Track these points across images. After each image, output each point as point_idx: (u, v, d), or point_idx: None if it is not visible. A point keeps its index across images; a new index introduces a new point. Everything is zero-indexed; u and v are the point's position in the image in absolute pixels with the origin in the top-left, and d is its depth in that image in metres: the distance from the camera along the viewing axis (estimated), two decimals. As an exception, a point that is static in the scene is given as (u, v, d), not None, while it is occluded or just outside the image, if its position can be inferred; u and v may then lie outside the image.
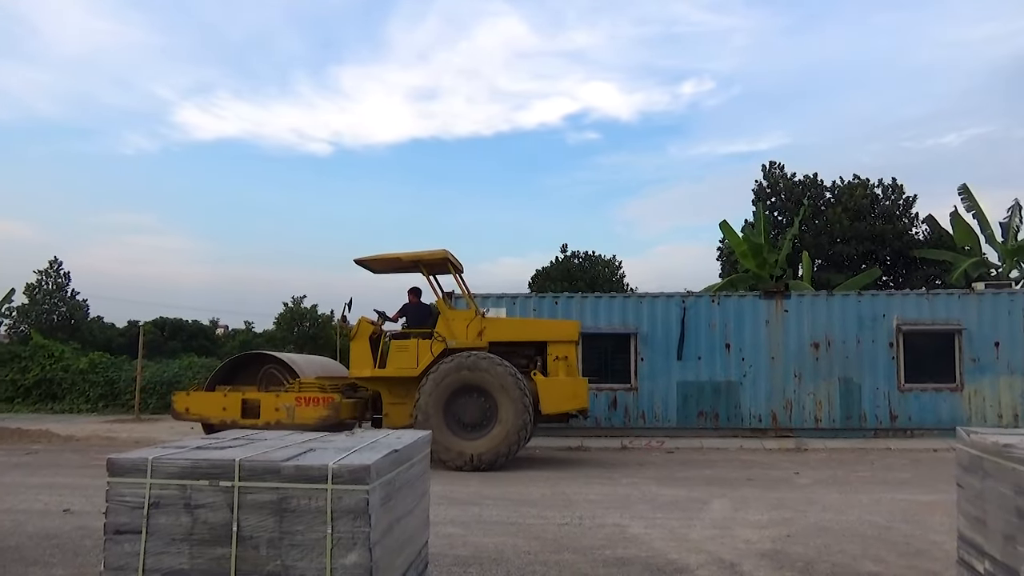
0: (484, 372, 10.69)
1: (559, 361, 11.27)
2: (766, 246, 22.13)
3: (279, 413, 11.22)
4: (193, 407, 11.66)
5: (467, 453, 10.61)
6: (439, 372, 10.77)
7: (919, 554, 6.05)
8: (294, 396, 11.32)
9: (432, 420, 10.64)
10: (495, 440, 10.62)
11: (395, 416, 11.41)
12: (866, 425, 14.32)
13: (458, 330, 11.25)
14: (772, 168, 26.57)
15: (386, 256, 11.67)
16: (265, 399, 11.42)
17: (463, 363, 10.77)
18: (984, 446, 4.15)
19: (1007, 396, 14.23)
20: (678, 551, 6.19)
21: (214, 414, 11.51)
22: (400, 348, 11.30)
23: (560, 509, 7.96)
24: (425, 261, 11.52)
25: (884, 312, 14.56)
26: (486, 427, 10.74)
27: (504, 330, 11.50)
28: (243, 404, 11.42)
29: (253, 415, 11.30)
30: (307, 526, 3.43)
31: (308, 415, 11.12)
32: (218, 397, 11.66)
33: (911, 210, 24.85)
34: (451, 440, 10.67)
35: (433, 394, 10.72)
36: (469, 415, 10.79)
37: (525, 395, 10.65)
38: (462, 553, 6.13)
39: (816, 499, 8.49)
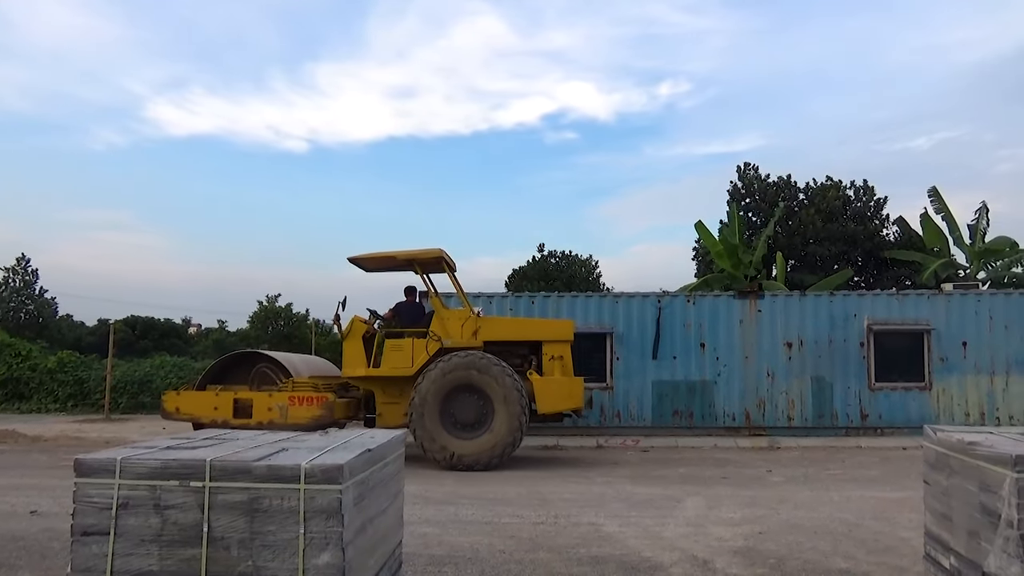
0: (481, 372, 10.65)
1: (555, 361, 11.26)
2: (741, 246, 22.35)
3: (272, 413, 11.08)
4: (183, 406, 11.49)
5: (463, 453, 10.57)
6: (436, 371, 10.71)
7: (888, 551, 6.15)
8: (287, 395, 11.19)
9: (428, 420, 10.62)
10: (491, 440, 10.60)
11: (389, 416, 11.34)
12: (837, 424, 14.52)
13: (453, 329, 11.22)
14: (747, 169, 26.85)
15: (380, 255, 11.60)
16: (258, 398, 11.29)
17: (460, 363, 10.71)
18: (950, 444, 4.23)
19: (974, 395, 14.51)
20: (652, 549, 6.23)
21: (205, 414, 11.34)
22: (395, 347, 11.22)
23: (535, 508, 7.97)
24: (419, 260, 11.47)
25: (855, 312, 14.77)
26: (482, 427, 10.71)
27: (499, 329, 11.49)
28: (235, 403, 11.27)
29: (245, 415, 11.16)
30: (279, 526, 3.40)
31: (302, 415, 11.01)
32: (209, 396, 11.50)
33: (882, 212, 25.24)
34: (447, 440, 10.63)
35: (429, 393, 10.66)
36: (465, 415, 10.74)
37: (522, 395, 10.63)
38: (437, 552, 6.12)
39: (788, 497, 8.59)
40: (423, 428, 10.66)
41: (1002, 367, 14.50)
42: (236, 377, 12.17)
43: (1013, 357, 14.51)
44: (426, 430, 10.64)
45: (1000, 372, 14.50)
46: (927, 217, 22.64)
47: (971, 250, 22.14)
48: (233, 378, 12.18)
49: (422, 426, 10.66)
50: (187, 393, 11.76)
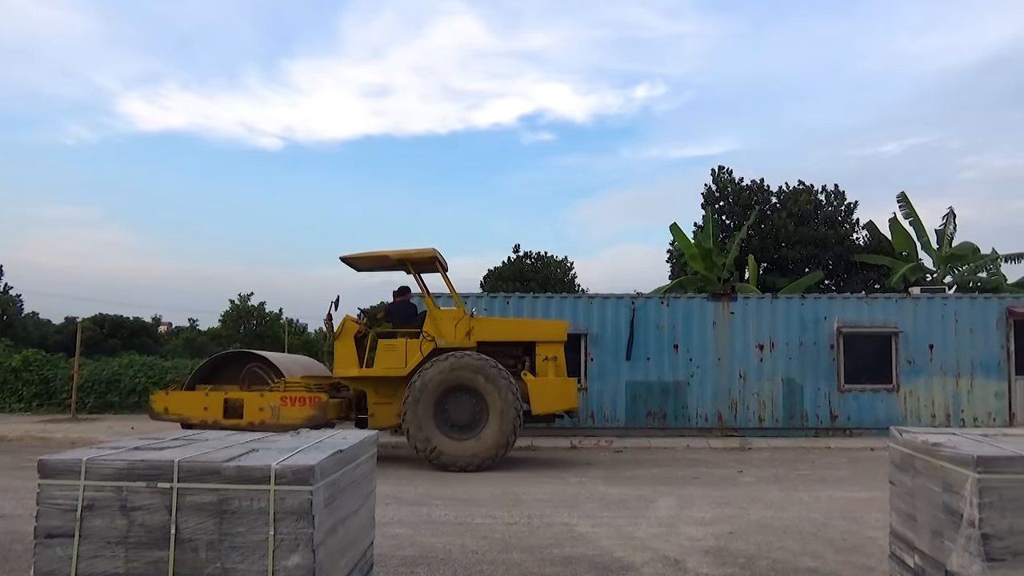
0: (476, 372, 10.61)
1: (548, 361, 11.25)
2: (714, 249, 22.56)
3: (263, 413, 10.95)
4: (172, 407, 11.30)
5: (457, 454, 10.53)
6: (430, 372, 10.64)
7: (855, 550, 6.25)
8: (279, 396, 11.07)
9: (422, 420, 10.56)
10: (486, 441, 10.57)
11: (381, 416, 11.28)
12: (807, 424, 14.71)
13: (446, 329, 11.15)
14: (721, 173, 27.11)
15: (373, 254, 11.52)
16: (249, 399, 11.14)
17: (455, 363, 10.66)
18: (915, 445, 4.30)
19: (940, 396, 14.79)
20: (624, 549, 6.26)
21: (195, 414, 11.16)
22: (388, 348, 11.14)
23: (509, 508, 7.98)
24: (413, 259, 11.42)
25: (825, 315, 14.98)
26: (476, 428, 10.67)
27: (493, 330, 11.44)
28: (225, 404, 11.11)
29: (236, 415, 11.01)
30: (248, 528, 3.37)
31: (294, 415, 10.89)
32: (199, 396, 11.32)
33: (852, 216, 25.64)
34: (441, 441, 10.58)
35: (424, 394, 10.60)
36: (459, 415, 10.70)
37: (516, 396, 10.62)
38: (409, 553, 6.10)
39: (759, 497, 8.69)
40: (417, 429, 10.59)
41: (967, 369, 14.81)
42: (225, 377, 11.98)
43: (978, 360, 14.82)
44: (420, 431, 10.59)
45: (965, 374, 14.80)
46: (896, 222, 23.03)
47: (938, 255, 22.57)
48: (222, 378, 11.99)
49: (416, 427, 10.59)
50: (176, 393, 11.56)
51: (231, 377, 11.92)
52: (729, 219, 25.80)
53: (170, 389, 11.99)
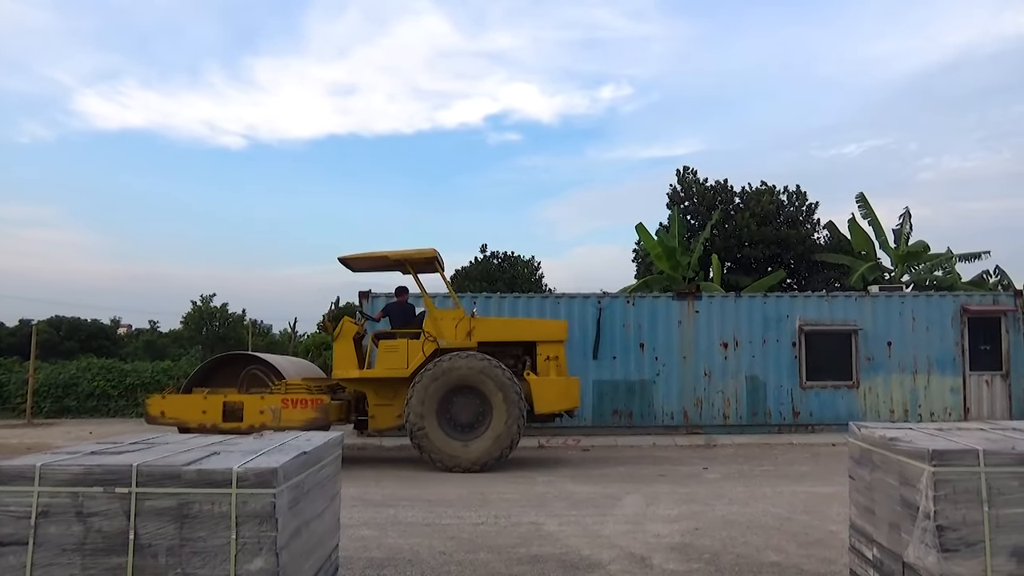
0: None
1: (550, 361, 11.25)
2: (679, 249, 22.79)
3: (264, 416, 10.78)
4: (169, 411, 11.05)
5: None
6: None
7: (816, 543, 6.37)
8: (280, 398, 10.90)
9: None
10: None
11: (381, 418, 11.19)
12: (770, 421, 14.95)
13: (447, 330, 11.10)
14: (686, 173, 27.40)
15: (372, 255, 11.42)
16: (249, 401, 10.95)
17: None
18: (873, 440, 4.40)
19: (898, 392, 15.14)
20: (591, 547, 6.30)
21: (193, 418, 10.93)
22: (389, 349, 11.03)
23: (476, 508, 7.97)
24: (412, 260, 11.33)
25: (788, 313, 15.23)
26: (480, 428, 10.62)
27: (493, 330, 11.40)
28: (225, 407, 10.91)
29: (236, 418, 10.82)
30: (210, 532, 3.31)
31: (295, 417, 10.75)
32: (197, 400, 11.09)
33: (813, 216, 26.10)
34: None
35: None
36: (463, 416, 10.65)
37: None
38: (376, 555, 6.06)
39: (723, 493, 8.81)
40: (420, 430, 10.53)
41: (924, 366, 15.17)
42: (220, 380, 11.71)
43: (934, 356, 15.20)
44: (423, 432, 10.53)
45: (922, 371, 15.17)
46: (855, 222, 23.52)
47: (895, 254, 23.09)
48: (217, 381, 11.71)
49: (419, 428, 10.52)
50: (173, 397, 11.31)
51: (227, 380, 11.66)
52: (694, 219, 26.09)
53: (166, 392, 11.70)
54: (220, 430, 10.60)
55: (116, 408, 18.97)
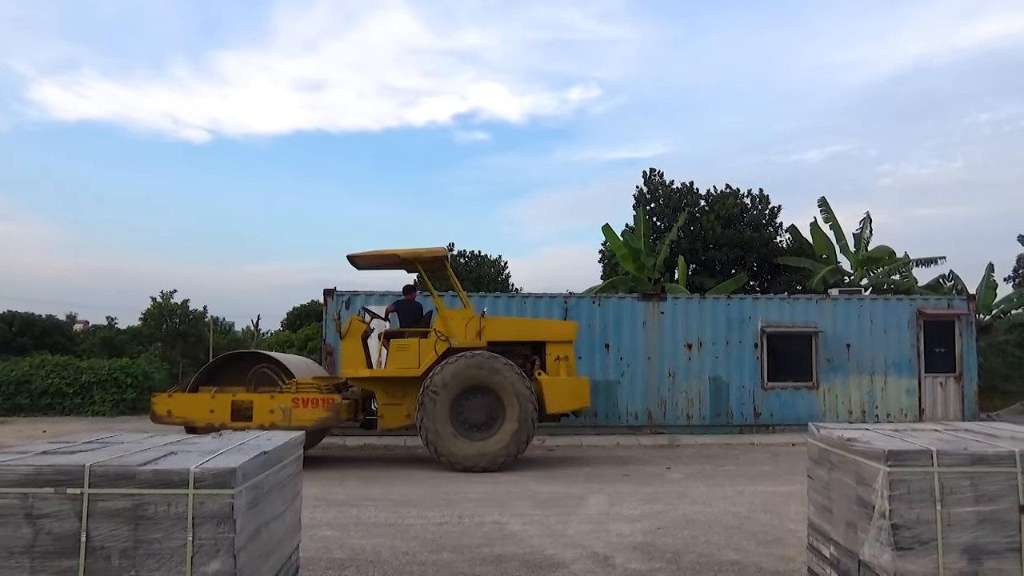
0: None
1: (560, 361, 11.27)
2: (645, 250, 22.96)
3: (274, 415, 10.61)
4: (176, 410, 10.80)
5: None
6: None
7: (775, 542, 6.47)
8: (290, 397, 10.71)
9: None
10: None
11: (390, 417, 11.11)
12: (733, 422, 15.15)
13: (457, 329, 11.04)
14: (652, 175, 27.62)
15: (382, 252, 11.35)
16: (258, 400, 10.74)
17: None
18: (831, 440, 4.47)
19: (856, 394, 15.46)
20: (555, 546, 6.31)
21: (200, 417, 10.71)
22: (400, 348, 10.94)
23: (440, 508, 7.94)
24: (423, 258, 11.26)
25: (750, 315, 15.45)
26: (493, 427, 10.63)
27: (503, 329, 11.37)
28: (233, 406, 10.70)
29: (244, 417, 10.63)
30: (165, 534, 3.24)
31: (306, 416, 10.60)
32: (204, 399, 10.83)
33: (776, 220, 26.51)
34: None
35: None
36: (475, 415, 10.65)
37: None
38: (338, 556, 6.00)
39: (686, 492, 8.90)
40: (433, 429, 10.49)
41: (881, 368, 15.52)
42: (225, 378, 11.44)
43: (891, 359, 15.55)
44: (436, 431, 10.49)
45: (879, 372, 15.51)
46: (816, 226, 23.92)
47: (855, 258, 23.56)
48: (222, 379, 11.44)
49: (432, 427, 10.49)
50: (180, 396, 11.04)
51: (233, 378, 11.40)
52: (660, 221, 26.31)
53: (172, 391, 11.40)
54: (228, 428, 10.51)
55: (71, 406, 18.51)
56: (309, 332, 21.42)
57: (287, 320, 25.43)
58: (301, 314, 24.88)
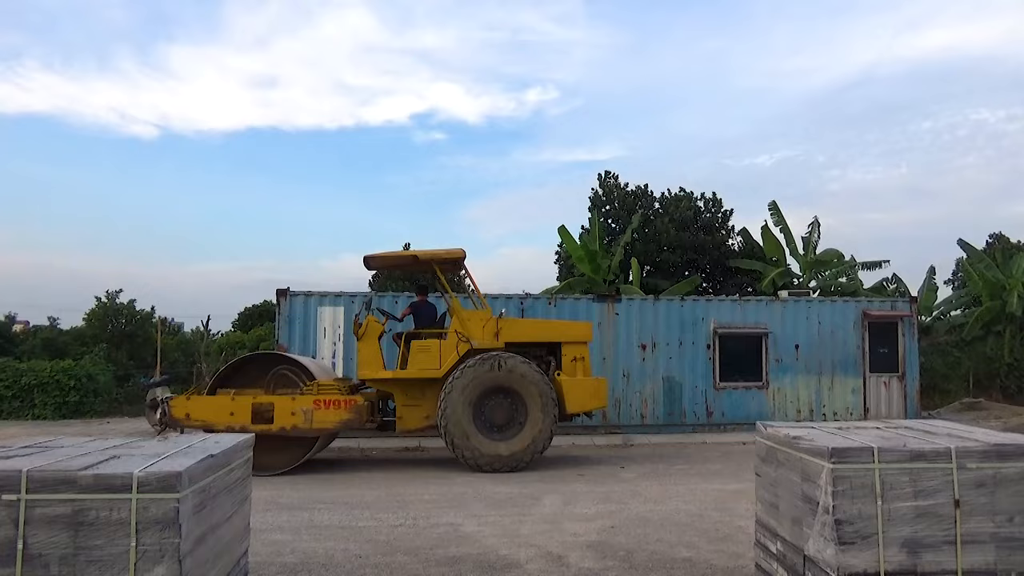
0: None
1: (577, 362, 11.34)
2: (600, 252, 23.18)
3: (295, 417, 10.41)
4: (195, 412, 10.49)
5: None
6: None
7: (726, 539, 6.59)
8: (312, 399, 10.51)
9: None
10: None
11: (409, 419, 11.03)
12: (686, 421, 15.37)
13: (475, 330, 11.01)
14: (607, 178, 27.88)
15: (399, 254, 11.37)
16: (279, 402, 10.48)
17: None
18: (778, 438, 4.58)
19: (804, 393, 15.85)
20: (509, 547, 6.32)
21: (220, 420, 10.41)
22: (421, 349, 10.89)
23: (394, 510, 7.88)
24: (441, 260, 11.26)
25: (703, 316, 15.71)
26: (515, 427, 10.69)
27: (520, 330, 11.40)
28: (254, 408, 10.43)
29: (265, 420, 10.38)
30: (108, 540, 3.15)
31: (328, 419, 10.47)
32: (224, 401, 10.53)
33: (728, 223, 27.01)
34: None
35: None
36: (497, 416, 10.69)
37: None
38: (289, 560, 5.91)
39: (639, 491, 9.00)
40: (457, 429, 10.48)
41: (828, 368, 15.93)
42: (241, 380, 11.07)
43: (838, 359, 15.98)
44: (460, 431, 10.49)
45: (827, 372, 15.92)
46: (767, 229, 24.47)
47: (804, 260, 24.16)
48: (237, 381, 11.07)
49: (456, 427, 10.47)
50: (198, 398, 10.72)
51: (250, 380, 11.07)
52: (615, 223, 26.56)
53: (190, 393, 11.07)
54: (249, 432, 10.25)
55: (10, 410, 17.85)
56: (261, 333, 21.06)
57: (238, 320, 24.95)
58: (253, 314, 24.45)
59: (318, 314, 14.45)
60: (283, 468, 10.43)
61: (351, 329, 14.34)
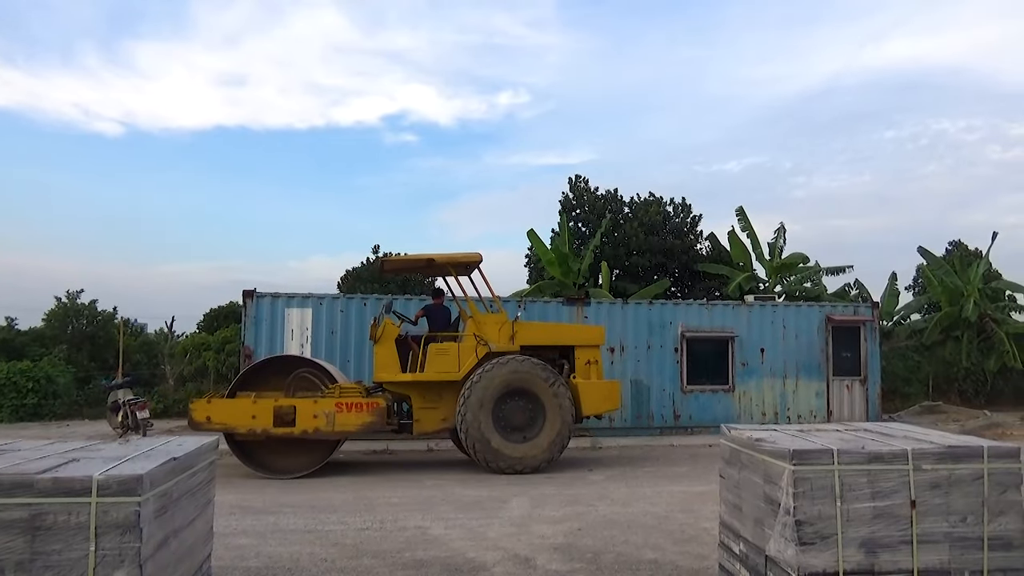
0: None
1: (591, 365, 11.48)
2: (570, 255, 23.27)
3: (318, 420, 10.35)
4: (216, 416, 10.30)
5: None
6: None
7: (691, 540, 6.67)
8: (334, 402, 10.44)
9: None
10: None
11: (426, 421, 11.05)
12: (654, 424, 15.50)
13: (491, 334, 11.09)
14: (578, 182, 28.00)
15: (416, 257, 11.47)
16: (301, 405, 10.38)
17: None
18: (741, 441, 4.65)
19: (769, 396, 16.08)
20: (476, 550, 6.33)
21: (242, 423, 10.29)
22: (440, 351, 10.92)
23: (361, 514, 7.84)
24: (458, 263, 11.32)
25: (671, 320, 15.87)
26: (533, 430, 10.83)
27: (534, 334, 11.49)
28: (276, 411, 10.29)
29: (287, 423, 10.27)
30: (66, 545, 3.09)
31: (351, 422, 10.44)
32: (245, 404, 10.35)
33: (697, 228, 27.29)
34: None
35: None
36: (517, 418, 10.81)
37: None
38: (253, 564, 5.85)
39: (606, 494, 9.06)
40: (477, 432, 10.56)
41: (792, 371, 16.20)
42: (255, 383, 10.87)
43: (802, 363, 16.25)
44: (480, 434, 10.58)
45: (791, 376, 16.19)
46: (734, 234, 24.78)
47: (770, 266, 24.51)
48: (254, 384, 10.87)
49: (476, 430, 10.56)
50: (219, 401, 10.52)
51: (268, 383, 10.88)
52: (584, 227, 26.69)
53: (210, 396, 10.85)
54: (271, 435, 10.28)
55: (-35, 412, 17.37)
56: (227, 334, 20.73)
57: (203, 322, 24.52)
58: (219, 315, 24.05)
59: (285, 315, 14.30)
60: (302, 471, 10.46)
61: (322, 331, 14.31)
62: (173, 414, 18.43)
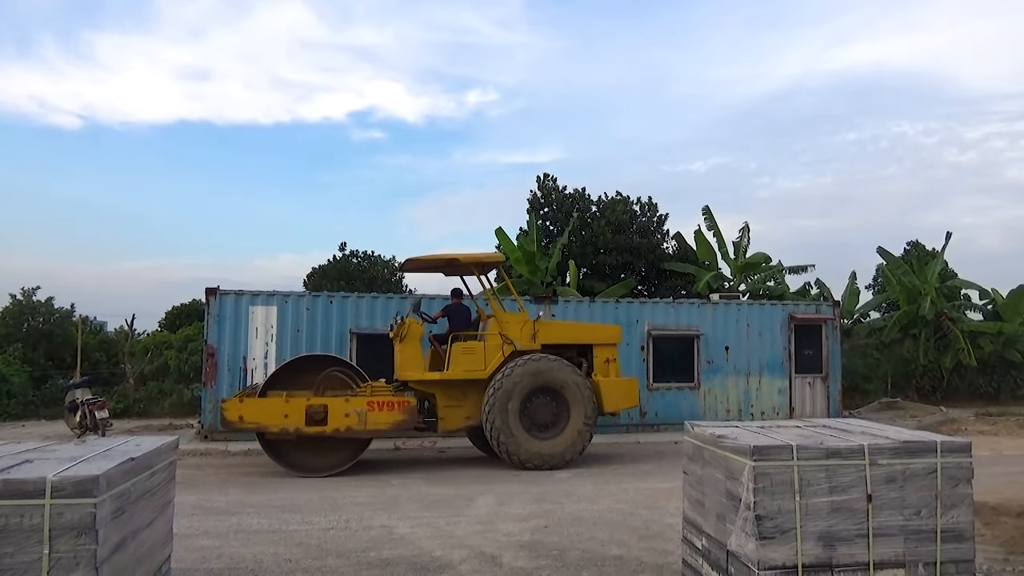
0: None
1: (610, 363, 11.76)
2: (538, 254, 23.33)
3: (349, 419, 10.36)
4: (248, 415, 10.19)
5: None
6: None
7: (656, 536, 6.74)
8: (365, 400, 10.41)
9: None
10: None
11: (451, 419, 11.17)
12: (620, 421, 15.57)
13: (514, 332, 11.29)
14: (546, 180, 28.07)
15: (439, 256, 11.57)
16: (333, 404, 10.31)
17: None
18: (704, 437, 4.71)
19: (733, 393, 16.31)
20: (443, 548, 6.32)
21: (274, 422, 10.19)
22: (466, 350, 11.11)
23: (326, 513, 7.78)
24: (482, 263, 11.54)
25: (638, 318, 16.00)
26: (558, 427, 11.06)
27: (555, 333, 11.74)
28: (307, 410, 10.19)
29: (318, 422, 10.21)
30: (18, 548, 3.02)
31: (382, 420, 10.49)
32: (278, 403, 10.23)
33: (663, 227, 27.53)
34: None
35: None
36: (541, 416, 11.03)
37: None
38: (215, 566, 5.77)
39: (573, 491, 9.11)
40: (504, 429, 10.74)
41: (756, 369, 16.44)
42: (285, 382, 10.65)
43: (765, 360, 16.50)
44: (508, 431, 10.76)
45: (755, 373, 16.43)
46: (700, 233, 25.05)
47: (734, 264, 24.84)
48: (282, 384, 10.65)
49: (503, 427, 10.73)
50: (251, 400, 10.35)
51: (294, 382, 10.68)
52: (552, 225, 26.76)
53: (242, 395, 10.67)
54: (303, 434, 10.21)
55: (-86, 413, 16.83)
56: (190, 332, 20.36)
57: (166, 320, 24.06)
58: (181, 313, 23.63)
59: (250, 313, 14.11)
60: (333, 470, 10.46)
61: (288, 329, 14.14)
62: (133, 414, 18.07)
